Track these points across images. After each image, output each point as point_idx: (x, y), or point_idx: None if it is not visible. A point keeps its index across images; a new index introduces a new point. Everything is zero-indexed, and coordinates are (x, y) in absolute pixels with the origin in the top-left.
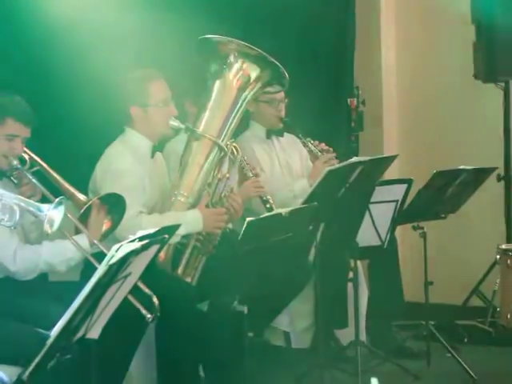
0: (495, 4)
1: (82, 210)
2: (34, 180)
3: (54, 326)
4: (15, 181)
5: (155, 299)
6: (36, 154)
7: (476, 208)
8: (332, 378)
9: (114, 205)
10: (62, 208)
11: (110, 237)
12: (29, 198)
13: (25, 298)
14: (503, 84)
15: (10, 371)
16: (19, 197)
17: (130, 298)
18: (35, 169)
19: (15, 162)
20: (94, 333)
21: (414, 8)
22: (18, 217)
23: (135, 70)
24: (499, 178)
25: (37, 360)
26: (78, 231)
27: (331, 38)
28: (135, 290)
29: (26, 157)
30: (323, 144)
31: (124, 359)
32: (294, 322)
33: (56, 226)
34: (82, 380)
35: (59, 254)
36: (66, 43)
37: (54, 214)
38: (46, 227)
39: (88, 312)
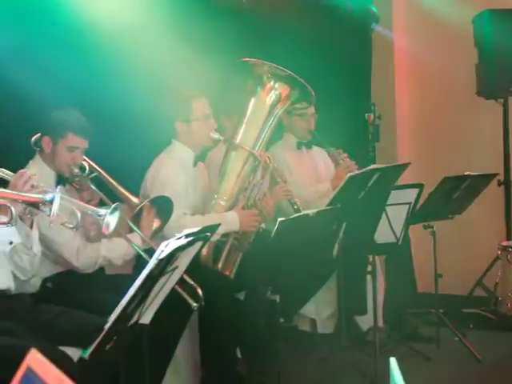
0: (495, 30)
1: (135, 212)
2: (92, 186)
3: (110, 313)
4: (77, 186)
5: (199, 290)
6: (94, 162)
7: (479, 209)
8: (353, 359)
9: (163, 207)
10: (117, 213)
11: (158, 235)
12: (88, 201)
13: (85, 289)
14: (502, 100)
15: (73, 352)
16: (80, 203)
17: (178, 288)
18: (94, 175)
19: (76, 170)
20: (146, 319)
21: (423, 34)
22: (79, 219)
23: (180, 90)
24: (499, 183)
25: (97, 342)
26: (131, 230)
27: (351, 63)
28: (182, 282)
29: (86, 165)
30: (345, 154)
31: (171, 343)
32: (320, 310)
33: (112, 228)
34: (135, 361)
35: (115, 251)
36: (121, 67)
37: (110, 218)
38: (104, 229)
39: (140, 300)
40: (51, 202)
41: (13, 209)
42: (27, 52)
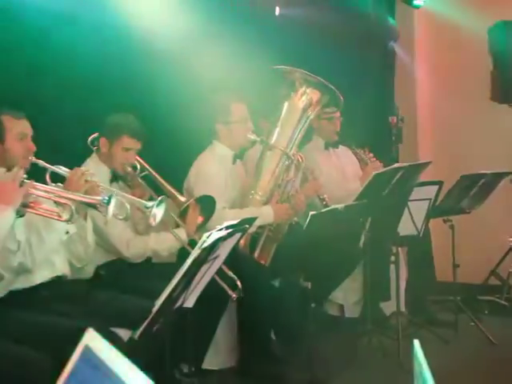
0: (508, 40)
1: (181, 209)
2: (143, 183)
3: (157, 297)
4: (129, 183)
5: (239, 283)
6: (145, 162)
7: (493, 205)
8: (377, 341)
9: (206, 204)
10: (163, 205)
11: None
12: (139, 197)
13: (134, 276)
14: None
15: (124, 333)
16: (130, 196)
17: (219, 280)
18: (144, 174)
19: (129, 169)
20: (189, 303)
21: (442, 43)
22: (128, 212)
23: (219, 94)
24: None
25: (145, 324)
26: (177, 225)
27: (377, 71)
28: (223, 274)
29: (138, 164)
30: (371, 154)
31: (211, 325)
32: (347, 296)
33: (158, 219)
34: (179, 342)
35: (162, 243)
36: (168, 74)
37: (156, 210)
38: (151, 220)
39: (185, 286)
40: (108, 203)
41: (73, 208)
42: (86, 57)
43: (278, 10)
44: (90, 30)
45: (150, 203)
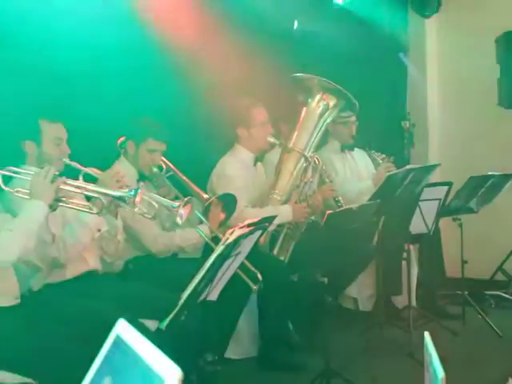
0: None
1: (205, 206)
2: (168, 182)
3: (183, 291)
4: (155, 183)
5: (259, 275)
6: (170, 163)
7: (500, 205)
8: (389, 333)
9: (228, 202)
10: (189, 206)
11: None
12: (164, 196)
13: (161, 270)
14: None
15: (151, 324)
16: (158, 196)
17: (241, 273)
18: (170, 174)
19: (155, 169)
20: (213, 296)
21: (451, 52)
22: (156, 211)
23: (241, 100)
24: None
25: (171, 315)
26: (201, 221)
27: (391, 80)
28: (245, 268)
29: (163, 165)
30: (384, 155)
31: (233, 316)
32: (361, 291)
33: (184, 219)
34: (203, 332)
35: (188, 240)
36: (192, 80)
37: (182, 210)
38: (178, 219)
39: (209, 280)
40: (134, 196)
41: (104, 200)
42: (115, 66)
43: (296, 25)
44: (118, 42)
45: (176, 203)
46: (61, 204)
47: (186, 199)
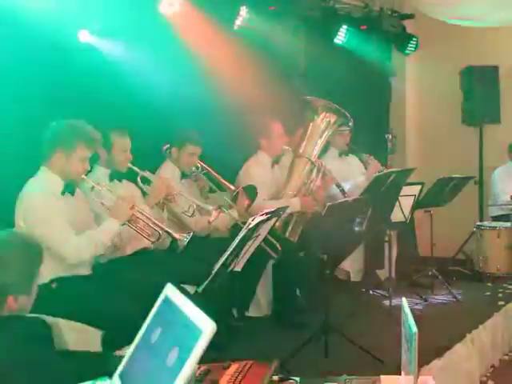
0: (474, 80)
1: (233, 195)
2: (204, 178)
3: (215, 263)
4: (194, 179)
5: (279, 246)
6: (205, 163)
7: (461, 200)
8: (374, 298)
9: (250, 191)
10: (219, 210)
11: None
12: (201, 189)
13: (199, 246)
14: (479, 127)
15: (190, 288)
16: (199, 202)
17: (264, 245)
18: (205, 172)
19: (193, 169)
20: (239, 266)
21: (426, 80)
22: (195, 212)
23: (263, 116)
24: (476, 182)
25: (206, 282)
26: (231, 206)
27: (377, 99)
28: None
29: (200, 165)
30: (372, 156)
31: (253, 283)
32: (352, 265)
33: (214, 218)
34: (231, 295)
35: (220, 222)
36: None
37: (215, 212)
38: (210, 219)
39: (235, 255)
40: (186, 240)
41: (162, 234)
42: (163, 85)
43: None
44: (185, 75)
45: (211, 207)
46: (128, 224)
47: (217, 208)
